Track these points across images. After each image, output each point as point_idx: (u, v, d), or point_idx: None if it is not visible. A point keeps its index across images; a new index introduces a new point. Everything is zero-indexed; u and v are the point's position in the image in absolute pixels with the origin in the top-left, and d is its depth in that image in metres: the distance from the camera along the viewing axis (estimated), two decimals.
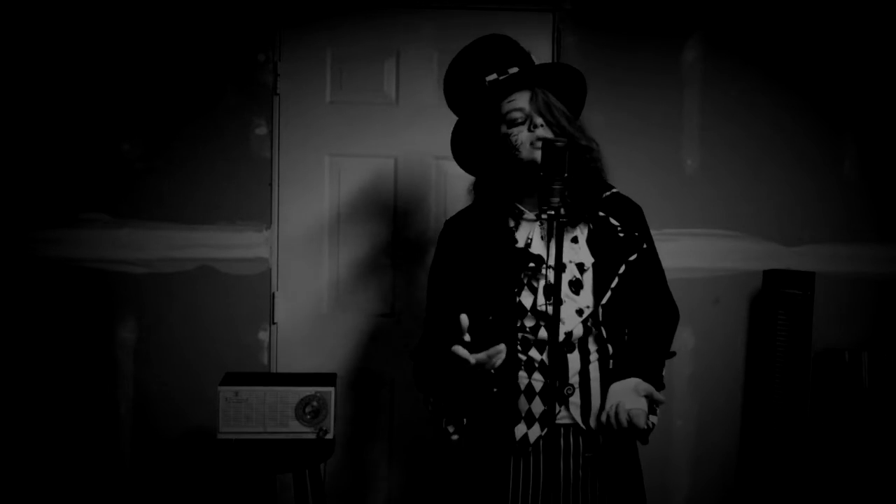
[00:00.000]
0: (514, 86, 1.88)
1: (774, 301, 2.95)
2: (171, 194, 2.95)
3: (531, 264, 1.84)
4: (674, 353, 1.99)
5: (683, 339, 3.05)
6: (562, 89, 1.92)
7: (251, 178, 2.96)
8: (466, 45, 1.98)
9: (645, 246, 1.96)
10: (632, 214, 1.99)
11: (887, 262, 3.06)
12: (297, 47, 2.97)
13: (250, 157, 2.96)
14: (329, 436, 2.45)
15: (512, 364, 1.84)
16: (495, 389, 1.85)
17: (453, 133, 1.99)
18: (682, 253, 3.03)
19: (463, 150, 2.01)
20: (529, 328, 1.85)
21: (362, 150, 3.00)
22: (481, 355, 1.70)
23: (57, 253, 2.92)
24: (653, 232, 3.05)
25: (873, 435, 2.89)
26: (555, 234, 1.66)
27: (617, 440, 1.88)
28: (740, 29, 3.02)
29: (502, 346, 1.70)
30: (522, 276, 1.84)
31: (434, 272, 2.01)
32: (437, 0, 2.97)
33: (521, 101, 1.87)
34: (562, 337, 1.83)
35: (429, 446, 3.03)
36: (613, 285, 1.87)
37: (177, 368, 2.96)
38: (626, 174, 2.83)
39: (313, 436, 2.44)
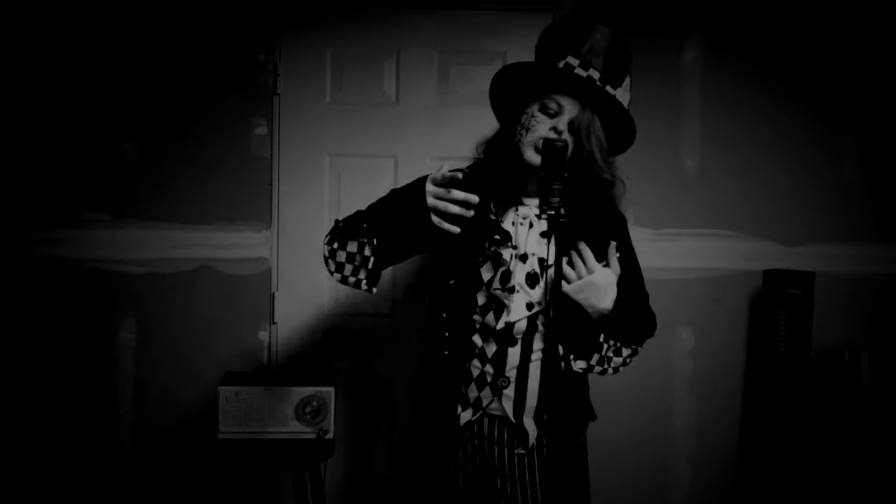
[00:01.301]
0: (571, 88, 1.78)
1: (774, 301, 2.95)
2: (171, 194, 2.95)
3: (496, 236, 1.83)
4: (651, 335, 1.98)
5: (683, 338, 3.05)
6: (612, 125, 1.84)
7: (251, 178, 2.96)
8: (587, 24, 1.84)
9: (624, 248, 1.90)
10: (613, 222, 1.94)
11: (887, 262, 3.06)
12: (297, 47, 2.97)
13: (250, 157, 2.96)
14: (329, 436, 2.45)
15: (465, 344, 1.86)
16: (446, 352, 1.87)
17: (499, 74, 1.86)
18: (682, 253, 3.03)
19: (500, 97, 1.90)
20: (479, 307, 1.85)
21: (362, 150, 3.00)
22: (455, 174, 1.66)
23: (57, 253, 2.92)
24: (653, 232, 3.06)
25: (873, 435, 2.89)
26: (555, 234, 1.66)
27: (560, 424, 1.89)
28: (740, 29, 3.02)
29: (460, 175, 1.66)
30: (487, 246, 1.83)
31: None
32: (438, 0, 2.98)
33: (567, 103, 1.78)
34: (501, 325, 1.83)
35: None
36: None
37: (177, 368, 2.96)
38: (625, 174, 2.83)
39: (313, 436, 2.44)
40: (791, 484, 2.91)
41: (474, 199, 1.66)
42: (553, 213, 1.63)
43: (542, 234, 1.85)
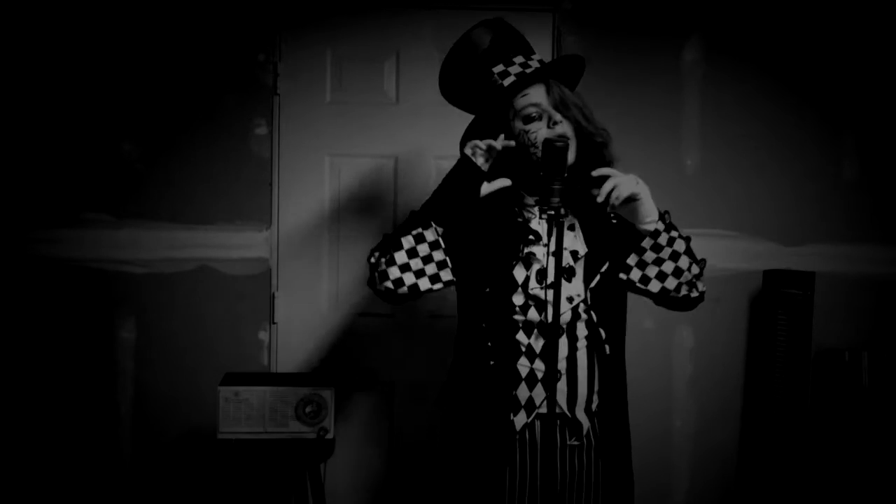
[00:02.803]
0: (529, 81, 1.84)
1: (774, 301, 2.95)
2: (171, 194, 2.95)
3: (530, 237, 1.85)
4: (703, 261, 1.92)
5: (683, 338, 3.04)
6: (569, 77, 1.93)
7: (251, 178, 2.96)
8: (464, 35, 1.93)
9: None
10: None
11: (887, 263, 3.06)
12: (297, 47, 2.97)
13: (250, 157, 2.96)
14: (329, 436, 2.45)
15: (510, 343, 1.84)
16: (492, 362, 1.85)
17: (467, 132, 1.96)
18: None
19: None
20: (518, 307, 1.84)
21: (362, 150, 3.00)
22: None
23: (57, 253, 2.92)
24: None
25: (873, 435, 2.89)
26: (555, 234, 1.65)
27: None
28: (740, 29, 3.02)
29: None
30: (521, 247, 1.85)
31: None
32: (438, 0, 2.98)
33: (537, 95, 1.83)
34: (551, 318, 1.82)
35: (428, 446, 3.03)
36: (603, 269, 1.86)
37: (177, 368, 2.96)
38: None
39: (313, 436, 2.44)
40: (791, 484, 2.91)
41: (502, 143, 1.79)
42: (553, 212, 1.63)
43: (570, 228, 1.87)
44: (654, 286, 1.83)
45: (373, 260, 1.85)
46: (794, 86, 3.04)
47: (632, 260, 1.81)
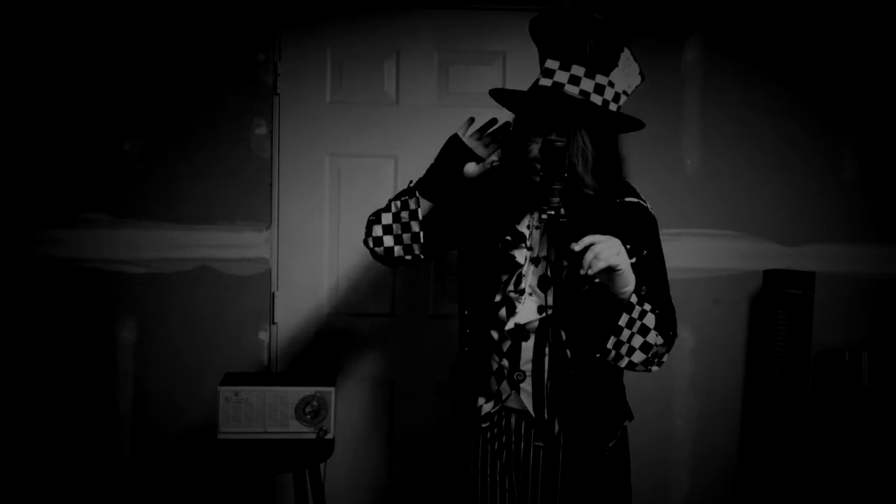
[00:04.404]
0: (551, 106, 1.73)
1: (774, 301, 2.95)
2: (171, 194, 2.95)
3: (507, 237, 1.84)
4: (674, 335, 1.82)
5: (683, 338, 3.04)
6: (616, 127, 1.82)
7: (251, 178, 2.96)
8: (564, 7, 1.82)
9: (645, 252, 1.84)
10: (637, 226, 1.86)
11: (887, 262, 3.06)
12: (297, 47, 2.97)
13: (250, 157, 2.96)
14: (329, 436, 2.45)
15: (484, 336, 1.89)
16: (466, 348, 1.93)
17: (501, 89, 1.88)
18: (682, 253, 3.03)
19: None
20: (495, 303, 1.86)
21: (362, 150, 3.00)
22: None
23: (57, 253, 2.92)
24: None
25: (873, 435, 2.89)
26: (555, 234, 1.65)
27: (579, 430, 1.85)
28: (740, 29, 3.02)
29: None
30: (500, 246, 1.85)
31: None
32: (437, 0, 2.98)
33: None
34: (510, 326, 1.83)
35: (428, 446, 3.03)
36: (582, 290, 1.80)
37: (177, 368, 2.96)
38: (625, 174, 2.82)
39: (313, 436, 2.44)
40: (791, 484, 2.91)
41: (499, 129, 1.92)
42: (553, 212, 1.63)
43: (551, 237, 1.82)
44: (623, 362, 1.77)
45: (371, 217, 1.99)
46: (795, 85, 3.04)
47: (610, 343, 1.74)
